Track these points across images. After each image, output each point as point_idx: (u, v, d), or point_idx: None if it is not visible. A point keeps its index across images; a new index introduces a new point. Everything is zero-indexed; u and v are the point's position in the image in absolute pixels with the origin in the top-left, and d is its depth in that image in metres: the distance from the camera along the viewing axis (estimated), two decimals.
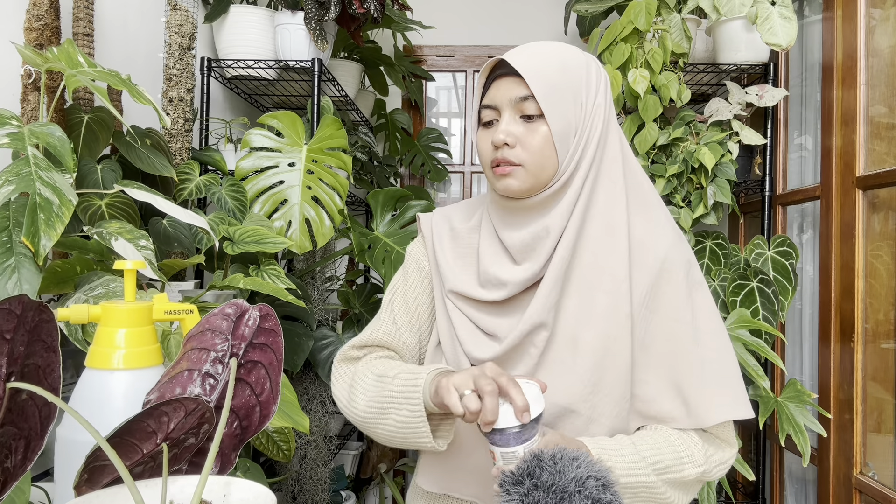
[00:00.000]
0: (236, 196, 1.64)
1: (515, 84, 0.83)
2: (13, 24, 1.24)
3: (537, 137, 0.83)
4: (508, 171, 0.84)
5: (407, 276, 1.00)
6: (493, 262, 0.89)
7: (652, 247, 0.87)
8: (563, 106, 0.83)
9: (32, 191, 0.91)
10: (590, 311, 0.85)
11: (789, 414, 1.69)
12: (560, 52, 0.86)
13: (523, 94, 0.83)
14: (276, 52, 1.94)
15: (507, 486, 0.67)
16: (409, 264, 1.01)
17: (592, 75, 0.87)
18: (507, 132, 0.84)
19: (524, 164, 0.84)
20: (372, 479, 2.70)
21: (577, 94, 0.85)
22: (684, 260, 0.88)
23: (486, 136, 0.87)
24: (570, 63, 0.85)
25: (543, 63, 0.83)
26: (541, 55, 0.84)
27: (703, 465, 0.83)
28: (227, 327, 0.68)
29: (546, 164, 0.84)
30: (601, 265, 0.85)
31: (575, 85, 0.85)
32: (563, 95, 0.83)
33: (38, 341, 0.57)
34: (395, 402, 0.81)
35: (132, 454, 0.59)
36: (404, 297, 0.98)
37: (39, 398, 0.57)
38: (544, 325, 0.84)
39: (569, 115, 0.84)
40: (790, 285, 1.83)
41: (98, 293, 0.99)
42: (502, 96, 0.85)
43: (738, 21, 1.91)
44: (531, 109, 0.83)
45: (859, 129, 1.71)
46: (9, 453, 0.55)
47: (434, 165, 2.71)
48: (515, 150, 0.84)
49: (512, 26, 2.83)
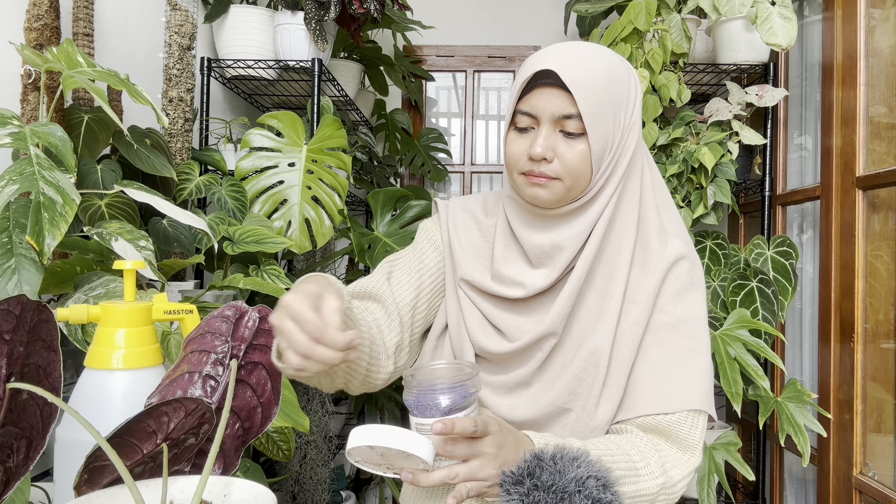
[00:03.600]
0: (236, 196, 1.64)
1: (560, 98, 0.80)
2: (13, 24, 1.24)
3: (576, 155, 0.81)
4: (543, 183, 0.82)
5: (417, 245, 0.98)
6: (510, 262, 0.89)
7: (661, 253, 0.88)
8: (605, 124, 0.81)
9: (36, 190, 0.91)
10: (599, 319, 0.85)
11: (789, 414, 1.69)
12: (606, 64, 0.82)
13: (568, 113, 0.80)
14: (276, 52, 1.94)
15: (508, 486, 0.67)
16: (421, 238, 0.99)
17: (633, 88, 0.85)
18: (546, 147, 0.81)
19: (560, 178, 0.82)
20: (372, 479, 2.70)
21: (618, 111, 0.83)
22: (688, 264, 0.89)
23: (521, 142, 0.84)
24: (615, 76, 0.82)
25: (591, 77, 0.80)
26: (588, 67, 0.80)
27: (660, 477, 0.79)
28: (226, 329, 0.68)
29: (581, 180, 0.83)
30: (615, 275, 0.86)
31: (618, 101, 0.83)
32: (606, 113, 0.81)
33: (38, 341, 0.57)
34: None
35: (132, 454, 0.59)
36: (409, 261, 0.95)
37: (40, 398, 0.57)
38: (555, 332, 0.84)
39: (608, 133, 0.82)
40: (790, 285, 1.83)
41: (98, 293, 0.99)
42: (544, 108, 0.81)
43: (738, 21, 1.91)
44: (573, 127, 0.80)
45: (859, 129, 1.71)
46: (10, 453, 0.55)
47: (434, 165, 2.71)
48: (553, 164, 0.82)
49: (512, 26, 2.83)
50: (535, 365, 0.86)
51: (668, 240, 0.89)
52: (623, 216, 0.87)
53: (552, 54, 0.82)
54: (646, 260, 0.87)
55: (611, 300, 0.85)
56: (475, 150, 2.95)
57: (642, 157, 0.90)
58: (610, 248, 0.87)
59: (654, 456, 0.81)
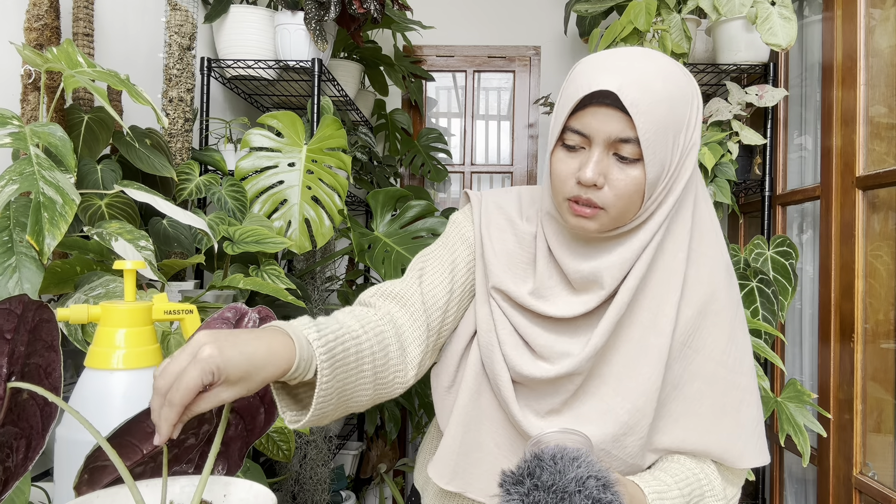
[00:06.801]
0: (236, 196, 1.64)
1: (618, 120, 0.73)
2: (13, 24, 1.24)
3: (629, 182, 0.75)
4: (588, 214, 0.77)
5: (448, 241, 0.92)
6: (552, 283, 0.85)
7: (701, 281, 0.83)
8: (663, 150, 0.75)
9: (36, 190, 0.91)
10: (642, 357, 0.81)
11: (789, 414, 1.69)
12: (669, 81, 0.74)
13: (626, 137, 0.73)
14: (276, 52, 1.94)
15: (508, 486, 0.67)
16: (452, 233, 0.92)
17: (695, 106, 0.78)
18: (598, 173, 0.74)
19: (607, 207, 0.76)
20: (372, 479, 2.70)
21: (677, 134, 0.76)
22: (730, 291, 0.84)
23: (569, 162, 0.77)
24: (678, 95, 0.75)
25: (653, 98, 0.72)
26: (650, 87, 0.73)
27: (722, 500, 0.81)
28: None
29: (630, 208, 0.77)
30: (655, 307, 0.81)
31: (678, 123, 0.76)
32: (666, 137, 0.74)
33: (39, 341, 0.57)
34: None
35: (132, 454, 0.59)
36: (441, 259, 0.89)
37: (40, 398, 0.57)
38: (581, 372, 0.81)
39: (665, 159, 0.76)
40: (790, 285, 1.83)
41: (98, 293, 0.99)
42: (599, 129, 0.74)
43: (738, 21, 1.91)
44: (629, 152, 0.74)
45: (859, 129, 1.71)
46: (10, 452, 0.55)
47: (434, 165, 2.71)
48: (602, 191, 0.75)
49: (512, 26, 2.83)
50: (568, 395, 0.83)
51: (711, 264, 0.83)
52: (672, 247, 0.81)
53: (610, 68, 0.74)
54: (687, 289, 0.82)
55: (659, 337, 0.80)
56: (475, 150, 2.95)
57: (696, 183, 0.84)
58: (655, 280, 0.81)
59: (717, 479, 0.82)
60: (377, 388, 0.77)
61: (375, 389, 0.77)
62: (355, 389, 0.72)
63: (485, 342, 0.86)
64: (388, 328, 0.80)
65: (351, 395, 0.72)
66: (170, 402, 0.53)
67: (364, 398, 0.75)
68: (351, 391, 0.72)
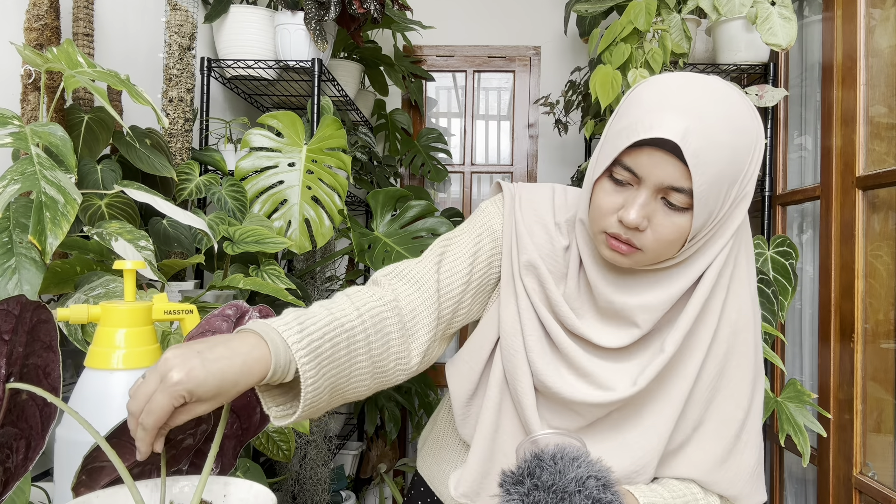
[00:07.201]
0: (236, 196, 1.64)
1: (674, 168, 0.69)
2: (13, 24, 1.24)
3: (673, 230, 0.72)
4: (625, 252, 0.75)
5: (474, 228, 0.88)
6: (579, 304, 0.83)
7: (730, 320, 0.81)
8: (714, 201, 0.71)
9: (38, 190, 0.91)
10: (664, 395, 0.80)
11: (789, 414, 1.69)
12: (735, 130, 0.70)
13: (679, 186, 0.70)
14: (276, 52, 1.94)
15: (508, 486, 0.67)
16: (480, 221, 0.88)
17: (757, 153, 0.73)
18: (643, 217, 0.72)
19: (645, 249, 0.74)
20: (372, 479, 2.70)
21: (733, 183, 0.72)
22: (756, 329, 0.83)
23: (614, 197, 0.74)
24: (742, 145, 0.71)
25: (715, 150, 0.68)
26: (715, 138, 0.68)
27: None
28: (227, 328, 0.68)
29: (668, 251, 0.75)
30: (692, 348, 0.80)
31: (736, 174, 0.72)
32: (720, 188, 0.71)
33: (37, 341, 0.57)
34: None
35: (131, 454, 0.59)
36: (464, 245, 0.86)
37: (40, 398, 0.57)
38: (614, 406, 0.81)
39: (714, 209, 0.72)
40: (790, 285, 1.83)
41: (98, 293, 0.99)
42: (652, 172, 0.70)
43: (738, 21, 1.91)
44: (679, 201, 0.71)
45: (859, 129, 1.71)
46: (10, 453, 0.55)
47: (434, 165, 2.71)
48: (643, 234, 0.73)
49: (512, 26, 2.83)
50: (584, 423, 0.82)
51: (741, 295, 0.81)
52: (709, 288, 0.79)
53: (676, 106, 0.69)
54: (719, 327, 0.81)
55: (685, 381, 0.79)
56: (475, 150, 2.95)
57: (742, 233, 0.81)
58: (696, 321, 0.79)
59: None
60: (376, 377, 0.75)
61: (374, 378, 0.75)
62: (349, 381, 0.71)
63: (508, 346, 0.83)
64: (391, 313, 0.77)
65: (346, 387, 0.71)
66: (142, 426, 0.54)
67: (362, 387, 0.74)
68: (345, 384, 0.70)
